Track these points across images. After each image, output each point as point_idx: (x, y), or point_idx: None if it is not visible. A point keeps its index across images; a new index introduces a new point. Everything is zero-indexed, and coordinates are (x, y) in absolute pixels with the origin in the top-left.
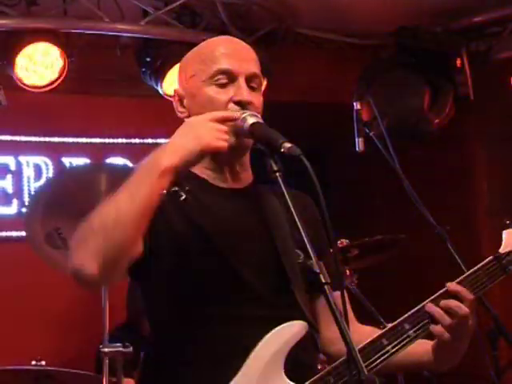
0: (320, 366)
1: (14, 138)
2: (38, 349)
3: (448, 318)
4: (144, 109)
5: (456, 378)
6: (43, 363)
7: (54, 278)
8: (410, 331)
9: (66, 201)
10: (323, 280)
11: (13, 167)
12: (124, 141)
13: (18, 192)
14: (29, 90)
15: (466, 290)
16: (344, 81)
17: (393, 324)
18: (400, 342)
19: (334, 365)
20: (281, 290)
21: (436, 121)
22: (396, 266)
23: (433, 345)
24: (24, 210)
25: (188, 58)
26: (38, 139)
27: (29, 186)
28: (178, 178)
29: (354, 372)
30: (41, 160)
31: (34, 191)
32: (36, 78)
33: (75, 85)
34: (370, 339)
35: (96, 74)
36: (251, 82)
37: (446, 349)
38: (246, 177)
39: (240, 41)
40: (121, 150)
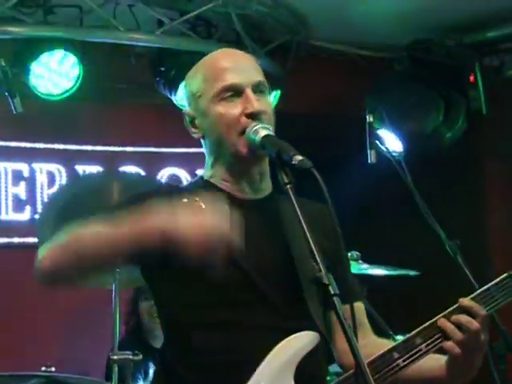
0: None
1: (28, 145)
2: (47, 355)
3: (459, 333)
4: (158, 117)
5: None
6: (53, 369)
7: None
8: (422, 345)
9: (79, 208)
10: (332, 291)
11: (26, 174)
12: (137, 149)
13: (31, 199)
14: (43, 97)
15: (479, 306)
16: (357, 93)
17: (404, 338)
18: (411, 355)
19: (344, 376)
20: (294, 301)
21: (448, 135)
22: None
23: (446, 360)
24: (37, 216)
25: (191, 77)
26: (52, 146)
27: (42, 193)
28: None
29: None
30: (54, 167)
31: (47, 198)
32: (51, 85)
33: (90, 93)
34: (380, 352)
35: (110, 82)
36: (258, 89)
37: (459, 364)
38: (265, 186)
39: (238, 51)
40: (134, 158)
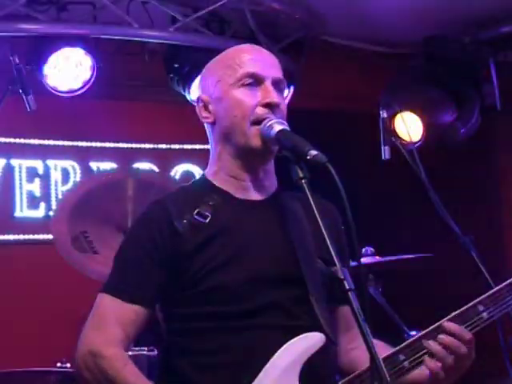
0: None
1: (42, 142)
2: (63, 351)
3: (449, 358)
4: (171, 114)
5: None
6: (68, 365)
7: (80, 280)
8: (405, 362)
9: (93, 205)
10: (347, 286)
11: (41, 171)
12: (151, 146)
13: (45, 196)
14: (58, 94)
15: (464, 331)
16: (371, 89)
17: (387, 354)
18: (395, 372)
19: (354, 374)
20: (302, 300)
21: (462, 131)
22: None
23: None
24: (51, 213)
25: (212, 65)
26: (66, 143)
27: (56, 189)
28: None
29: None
30: (68, 164)
31: (62, 195)
32: (65, 82)
33: (103, 90)
34: (386, 354)
35: (124, 79)
36: (277, 86)
37: (441, 381)
38: (269, 185)
39: (262, 48)
40: (147, 155)
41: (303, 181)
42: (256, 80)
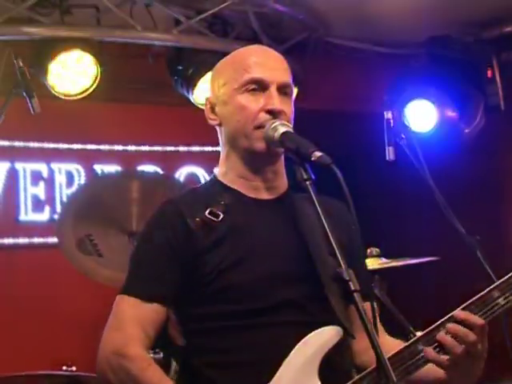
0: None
1: (46, 145)
2: (69, 354)
3: (458, 347)
4: (175, 117)
5: None
6: (74, 369)
7: (86, 284)
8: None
9: (98, 208)
10: (352, 287)
11: (45, 174)
12: (155, 148)
13: (50, 199)
14: (61, 97)
15: (475, 317)
16: (374, 90)
17: (428, 330)
18: (414, 362)
19: (368, 370)
20: (316, 297)
21: (466, 131)
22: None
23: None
24: (56, 216)
25: (220, 66)
26: (70, 146)
27: (61, 192)
28: None
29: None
30: (73, 167)
31: (66, 198)
32: (69, 85)
33: (107, 93)
34: (406, 344)
35: (128, 82)
36: (282, 90)
37: (457, 376)
38: (280, 185)
39: (272, 50)
40: (152, 157)
41: (307, 182)
42: (261, 85)
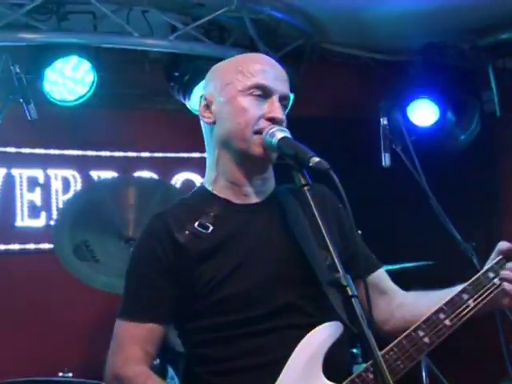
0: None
1: (42, 151)
2: (65, 360)
3: None
4: (172, 123)
5: None
6: (70, 375)
7: (82, 290)
8: (446, 320)
9: (94, 214)
10: (350, 293)
11: (41, 180)
12: (152, 155)
13: (46, 205)
14: (58, 103)
15: None
16: (371, 96)
17: (427, 315)
18: (436, 332)
19: (370, 362)
20: (314, 297)
21: (462, 137)
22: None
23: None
24: (52, 222)
25: (223, 66)
26: (67, 153)
27: (57, 199)
28: None
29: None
30: (69, 173)
31: (63, 204)
32: (66, 92)
33: (104, 99)
34: (405, 333)
35: (125, 88)
36: (283, 102)
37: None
38: (268, 188)
39: (274, 61)
40: (148, 163)
41: (305, 188)
42: (265, 92)
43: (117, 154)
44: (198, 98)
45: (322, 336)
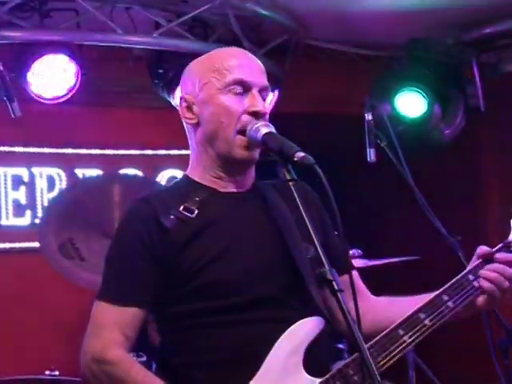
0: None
1: (27, 149)
2: (51, 359)
3: (506, 282)
4: (157, 120)
5: None
6: (57, 373)
7: (68, 288)
8: (426, 320)
9: (79, 212)
10: (336, 287)
11: (26, 179)
12: (137, 152)
13: (31, 203)
14: (42, 101)
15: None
16: (356, 92)
17: (407, 315)
18: (416, 332)
19: (352, 357)
20: (295, 289)
21: (447, 131)
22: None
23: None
24: (37, 221)
25: (197, 66)
26: (51, 151)
27: (42, 197)
28: None
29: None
30: (54, 171)
31: (48, 202)
32: (49, 89)
33: (88, 96)
34: (385, 331)
35: (108, 85)
36: (262, 93)
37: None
38: (248, 182)
39: (249, 53)
40: (134, 161)
41: (291, 183)
42: (244, 87)
43: (101, 151)
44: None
45: (303, 330)
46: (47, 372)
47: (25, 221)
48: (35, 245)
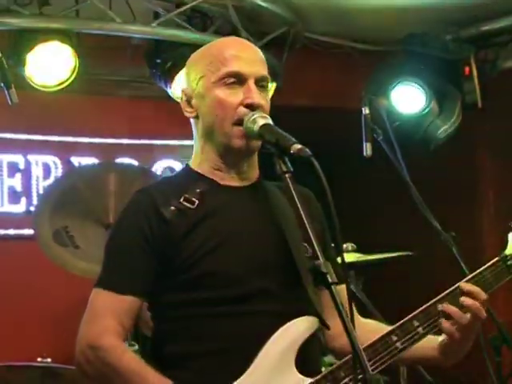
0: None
1: (23, 136)
2: (44, 346)
3: (466, 317)
4: (154, 110)
5: None
6: (49, 360)
7: (62, 276)
8: (419, 328)
9: (75, 200)
10: (330, 280)
11: (22, 166)
12: (133, 141)
13: (26, 191)
14: (39, 89)
15: (479, 290)
16: (353, 86)
17: (402, 321)
18: (409, 338)
19: (344, 359)
20: (291, 285)
21: (444, 127)
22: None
23: (441, 341)
24: (32, 208)
25: (195, 58)
26: (48, 138)
27: (37, 184)
28: None
29: (359, 371)
30: (50, 159)
31: (43, 190)
32: (47, 77)
33: (85, 85)
34: (379, 335)
35: (106, 74)
36: (260, 83)
37: (454, 346)
38: (252, 175)
39: (247, 42)
40: (130, 150)
41: (287, 175)
42: (239, 79)
43: (98, 140)
44: (179, 85)
45: (297, 329)
46: (39, 359)
47: (20, 208)
48: (30, 232)
